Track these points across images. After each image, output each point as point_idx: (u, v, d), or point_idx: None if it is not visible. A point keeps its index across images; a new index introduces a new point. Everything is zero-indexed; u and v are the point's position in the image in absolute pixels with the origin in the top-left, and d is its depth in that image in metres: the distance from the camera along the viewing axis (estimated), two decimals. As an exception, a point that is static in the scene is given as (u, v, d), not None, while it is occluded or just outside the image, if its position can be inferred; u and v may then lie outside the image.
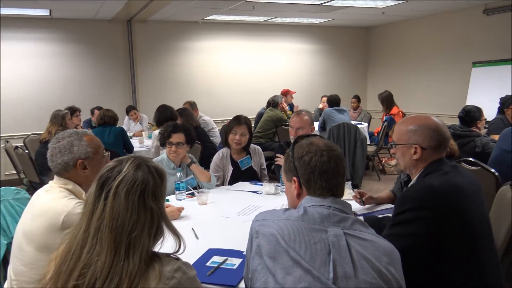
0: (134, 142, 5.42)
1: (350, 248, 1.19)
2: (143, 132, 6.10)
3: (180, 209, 2.43)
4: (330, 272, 1.14)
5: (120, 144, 4.80)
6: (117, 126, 4.97)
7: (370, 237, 1.24)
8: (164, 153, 3.16)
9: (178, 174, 2.88)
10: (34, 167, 4.40)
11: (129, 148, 4.93)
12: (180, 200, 2.75)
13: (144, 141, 5.61)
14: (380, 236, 1.30)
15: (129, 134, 5.89)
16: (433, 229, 1.53)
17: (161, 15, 7.18)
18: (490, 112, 4.79)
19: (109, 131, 4.75)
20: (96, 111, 6.01)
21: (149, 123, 6.79)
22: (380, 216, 2.24)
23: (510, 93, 5.67)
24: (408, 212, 1.57)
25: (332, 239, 1.19)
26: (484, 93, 6.59)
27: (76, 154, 1.75)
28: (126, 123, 6.92)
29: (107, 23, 7.43)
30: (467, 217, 1.57)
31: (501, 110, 4.31)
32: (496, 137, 3.63)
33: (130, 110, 6.91)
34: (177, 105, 5.36)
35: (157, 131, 4.20)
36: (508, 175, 2.62)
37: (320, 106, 7.70)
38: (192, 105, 5.68)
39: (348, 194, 2.54)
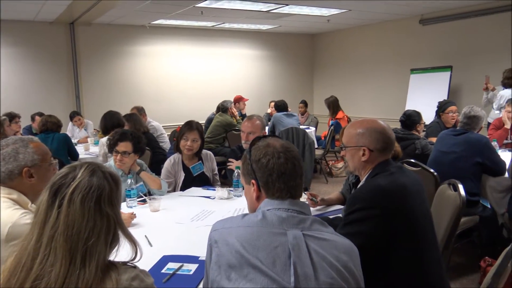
0: (79, 149, 5.21)
1: (310, 249, 1.19)
2: (89, 139, 5.87)
3: (132, 216, 2.37)
4: (292, 275, 1.14)
5: (64, 151, 4.61)
6: (60, 132, 4.77)
7: (329, 236, 1.26)
8: (112, 160, 3.08)
9: (129, 181, 2.81)
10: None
11: (74, 155, 4.74)
12: (131, 207, 2.68)
13: (90, 148, 5.41)
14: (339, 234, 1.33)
15: (74, 141, 5.66)
16: (382, 227, 1.61)
17: (106, 18, 6.98)
18: (427, 115, 5.08)
19: (52, 138, 4.54)
20: (37, 117, 5.73)
21: (94, 129, 6.55)
22: (331, 216, 2.32)
23: (445, 98, 6.08)
24: (359, 211, 1.64)
25: (292, 242, 1.19)
26: (422, 98, 6.99)
27: (22, 161, 1.67)
28: (70, 130, 6.63)
29: (48, 25, 7.12)
30: (412, 215, 1.66)
31: (438, 114, 4.57)
32: (433, 139, 3.86)
33: (74, 116, 6.63)
34: (124, 110, 5.22)
35: (104, 139, 4.07)
36: (445, 175, 2.79)
37: (269, 111, 7.80)
38: (140, 110, 5.55)
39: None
